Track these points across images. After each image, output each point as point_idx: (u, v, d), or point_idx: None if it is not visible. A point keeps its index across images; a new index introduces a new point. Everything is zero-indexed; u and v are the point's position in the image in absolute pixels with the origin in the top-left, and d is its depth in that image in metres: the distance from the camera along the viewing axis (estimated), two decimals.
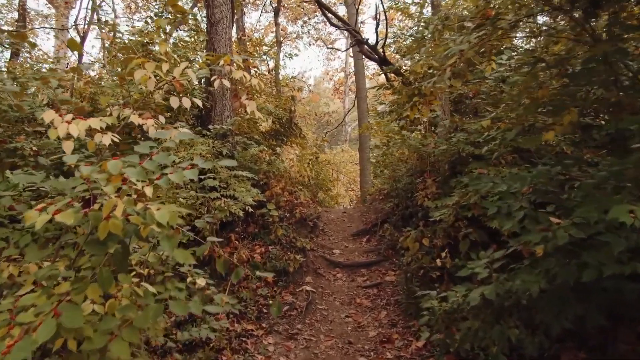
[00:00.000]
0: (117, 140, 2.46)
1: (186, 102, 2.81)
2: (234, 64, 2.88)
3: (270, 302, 5.94)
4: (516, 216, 3.09)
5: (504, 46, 6.54)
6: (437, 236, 5.79)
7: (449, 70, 2.91)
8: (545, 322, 3.18)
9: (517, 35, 4.98)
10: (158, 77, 2.94)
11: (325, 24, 19.72)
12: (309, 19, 18.80)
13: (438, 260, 5.10)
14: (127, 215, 1.78)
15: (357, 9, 16.10)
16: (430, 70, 4.52)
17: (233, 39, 10.95)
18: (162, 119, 2.79)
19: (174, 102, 2.80)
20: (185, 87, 6.99)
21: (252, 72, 11.23)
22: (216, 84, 2.85)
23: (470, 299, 3.04)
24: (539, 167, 4.98)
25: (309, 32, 21.35)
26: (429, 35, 4.41)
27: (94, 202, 2.00)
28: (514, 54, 6.11)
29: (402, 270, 6.03)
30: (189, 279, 2.62)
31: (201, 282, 2.61)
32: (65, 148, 2.36)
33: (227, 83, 2.84)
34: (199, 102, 2.85)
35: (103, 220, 1.66)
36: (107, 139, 2.39)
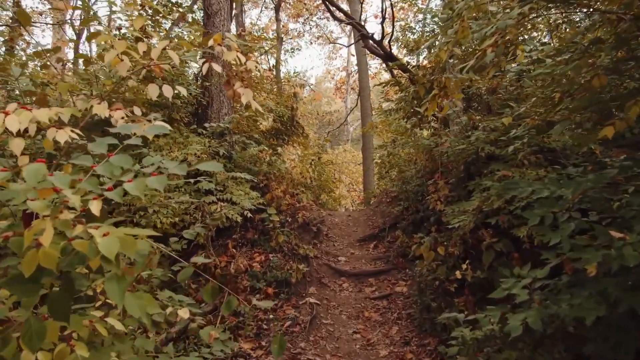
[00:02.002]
0: (77, 137, 1.94)
1: (167, 91, 2.30)
2: (227, 45, 2.38)
3: (272, 316, 5.43)
4: (565, 229, 2.57)
5: (526, 36, 6.03)
6: (453, 244, 5.29)
7: (490, 52, 2.40)
8: (598, 353, 2.67)
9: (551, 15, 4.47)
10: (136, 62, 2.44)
11: (328, 20, 19.23)
12: (310, 14, 18.28)
13: (457, 272, 4.59)
14: (71, 239, 1.27)
15: (361, 5, 15.62)
16: (451, 60, 4.02)
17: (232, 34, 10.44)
18: (137, 110, 2.28)
19: (152, 90, 2.30)
20: (167, 72, 6.46)
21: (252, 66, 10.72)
22: (204, 68, 2.34)
23: (511, 328, 2.53)
24: (568, 169, 4.47)
25: (310, 29, 20.87)
26: (442, 20, 3.87)
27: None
28: (537, 44, 5.61)
29: (415, 280, 5.52)
30: (169, 310, 2.12)
31: (184, 313, 2.11)
32: (13, 147, 1.85)
33: (217, 67, 2.33)
34: (184, 90, 2.34)
35: (28, 248, 1.15)
36: (62, 135, 1.87)
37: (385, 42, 10.63)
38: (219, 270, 5.72)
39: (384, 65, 17.67)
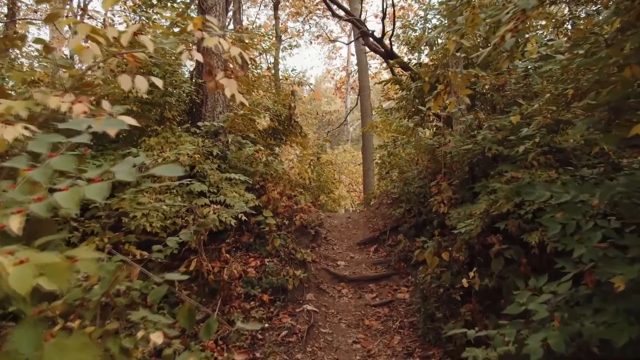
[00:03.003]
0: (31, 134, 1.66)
1: (141, 83, 2.02)
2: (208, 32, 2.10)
3: (267, 325, 5.15)
4: (592, 238, 2.29)
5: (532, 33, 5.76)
6: (457, 249, 5.01)
7: (509, 37, 2.12)
8: None
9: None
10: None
11: (328, 18, 18.95)
12: (310, 12, 17.99)
13: (464, 281, 4.31)
14: None
15: (361, 3, 15.34)
16: (458, 53, 3.74)
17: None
18: (106, 105, 2.00)
19: (124, 82, 2.02)
20: (143, 62, 6.15)
21: (249, 63, 10.42)
22: (184, 56, 2.06)
23: (530, 350, 2.25)
24: (582, 170, 4.20)
25: (310, 28, 20.61)
26: (449, 8, 3.55)
27: None
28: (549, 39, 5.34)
29: (418, 288, 5.23)
30: (140, 333, 1.84)
31: (157, 337, 1.83)
32: None
33: (197, 55, 2.06)
34: (159, 82, 2.06)
35: None
36: (10, 132, 1.59)
37: (386, 40, 10.36)
38: (212, 276, 5.44)
39: (384, 64, 17.38)
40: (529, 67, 5.41)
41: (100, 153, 6.07)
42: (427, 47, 9.27)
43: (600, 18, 3.37)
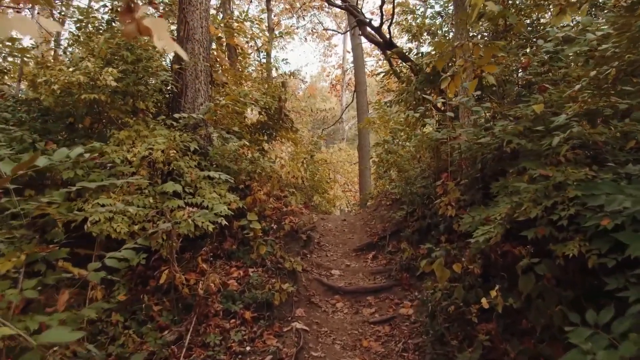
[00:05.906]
0: None
1: (27, 25, 1.30)
2: None
3: (249, 348, 4.42)
4: None
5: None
6: (469, 260, 4.31)
7: None
8: None
9: None
10: None
11: (323, 9, 18.22)
12: (304, 3, 17.25)
13: (484, 300, 3.59)
14: None
15: None
16: (481, 21, 3.02)
17: (223, 25, 9.38)
18: None
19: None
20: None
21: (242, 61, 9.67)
22: None
23: None
24: (627, 167, 3.52)
25: (305, 24, 19.91)
26: None
27: None
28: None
29: (425, 304, 4.52)
30: None
31: None
32: None
33: None
34: (55, 26, 1.34)
35: None
36: None
37: (386, 33, 9.66)
38: (187, 290, 4.70)
39: (380, 62, 16.63)
40: (551, 49, 4.74)
41: (68, 147, 5.32)
42: (429, 35, 8.59)
43: None
